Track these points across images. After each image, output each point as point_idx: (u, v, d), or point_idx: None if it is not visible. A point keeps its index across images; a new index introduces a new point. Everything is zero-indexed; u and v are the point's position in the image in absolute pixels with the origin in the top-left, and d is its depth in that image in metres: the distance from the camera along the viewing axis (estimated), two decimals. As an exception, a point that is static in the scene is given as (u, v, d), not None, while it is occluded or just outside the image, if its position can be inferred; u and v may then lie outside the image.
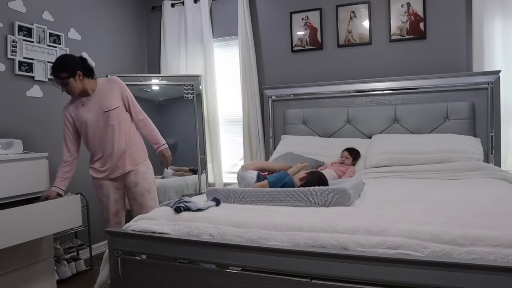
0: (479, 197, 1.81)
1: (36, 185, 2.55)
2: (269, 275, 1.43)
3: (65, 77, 2.31)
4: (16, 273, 2.40)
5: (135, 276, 1.70)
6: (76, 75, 2.34)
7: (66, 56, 2.51)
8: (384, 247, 1.32)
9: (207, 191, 2.02)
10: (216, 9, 4.02)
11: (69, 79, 2.31)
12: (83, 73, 2.38)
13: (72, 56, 2.44)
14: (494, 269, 1.12)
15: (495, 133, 3.02)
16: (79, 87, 2.38)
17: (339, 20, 3.56)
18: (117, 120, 2.45)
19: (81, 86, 2.39)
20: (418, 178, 2.55)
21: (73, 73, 2.32)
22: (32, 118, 3.04)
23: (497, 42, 3.08)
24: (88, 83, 2.43)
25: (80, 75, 2.36)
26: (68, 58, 2.41)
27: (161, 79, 3.97)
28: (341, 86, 3.45)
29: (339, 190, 1.72)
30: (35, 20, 3.05)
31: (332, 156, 3.07)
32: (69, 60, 2.36)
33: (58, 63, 2.34)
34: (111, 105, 2.44)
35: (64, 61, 2.36)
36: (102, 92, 2.47)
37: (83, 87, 2.40)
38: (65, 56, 2.48)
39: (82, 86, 2.39)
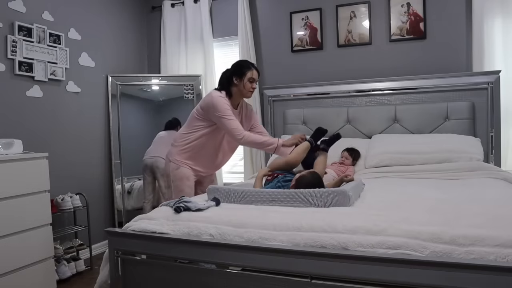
0: (479, 197, 1.81)
1: (36, 185, 2.55)
2: (269, 275, 1.43)
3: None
4: (16, 273, 2.40)
5: (135, 276, 1.70)
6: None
7: None
8: (384, 247, 1.32)
9: (207, 190, 2.02)
10: (216, 9, 4.02)
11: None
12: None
13: None
14: (494, 269, 1.12)
15: (495, 133, 3.02)
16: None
17: (339, 20, 3.56)
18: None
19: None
20: (418, 178, 2.55)
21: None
22: (32, 118, 3.04)
23: (497, 42, 3.08)
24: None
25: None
26: None
27: (161, 79, 3.97)
28: (341, 86, 3.45)
29: (339, 192, 1.72)
30: (35, 20, 3.05)
31: (332, 156, 3.05)
32: None
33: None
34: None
35: None
36: (243, 109, 2.65)
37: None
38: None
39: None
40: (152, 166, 3.58)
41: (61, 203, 3.02)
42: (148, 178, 3.66)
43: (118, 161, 3.79)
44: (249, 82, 2.49)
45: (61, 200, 3.03)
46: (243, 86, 2.49)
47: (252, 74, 2.50)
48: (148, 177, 3.66)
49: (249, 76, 2.48)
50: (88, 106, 3.57)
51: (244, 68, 2.50)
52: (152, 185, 3.68)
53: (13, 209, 2.39)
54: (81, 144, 3.49)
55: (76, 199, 3.12)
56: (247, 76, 2.48)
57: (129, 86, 3.90)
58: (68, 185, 3.30)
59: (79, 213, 3.29)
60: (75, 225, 3.28)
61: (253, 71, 2.50)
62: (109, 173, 3.79)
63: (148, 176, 3.65)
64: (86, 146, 3.54)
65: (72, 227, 3.26)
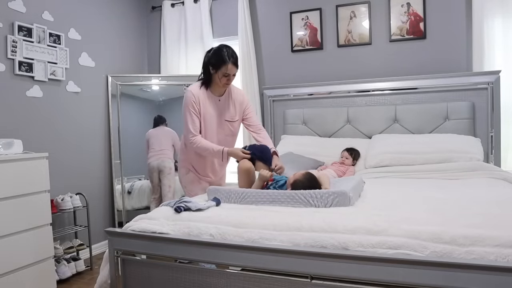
0: (479, 197, 1.81)
1: (36, 185, 2.55)
2: (269, 275, 1.42)
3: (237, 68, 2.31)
4: (16, 273, 2.40)
5: (135, 276, 1.70)
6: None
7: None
8: (384, 247, 1.32)
9: (208, 190, 2.02)
10: (216, 9, 4.02)
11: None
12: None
13: None
14: (495, 269, 1.12)
15: (495, 133, 3.02)
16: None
17: (339, 20, 3.56)
18: (232, 133, 2.51)
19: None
20: (418, 178, 2.55)
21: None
22: (32, 118, 3.04)
23: (497, 42, 3.08)
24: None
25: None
26: None
27: (161, 79, 3.97)
28: (341, 86, 3.45)
29: (340, 193, 1.71)
30: (35, 20, 3.05)
31: (332, 156, 3.07)
32: None
33: (234, 51, 2.31)
34: (233, 116, 2.46)
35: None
36: (231, 99, 2.47)
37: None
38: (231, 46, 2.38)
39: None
40: (159, 166, 3.65)
41: (61, 203, 3.02)
42: (155, 179, 3.71)
43: (118, 161, 3.79)
44: (223, 76, 2.28)
45: (61, 200, 3.03)
46: (217, 78, 2.31)
47: (227, 69, 2.25)
48: (155, 178, 3.71)
49: (223, 71, 2.26)
50: (88, 106, 3.57)
51: (219, 61, 2.26)
52: (159, 185, 3.73)
53: (13, 209, 2.39)
54: (81, 144, 3.49)
55: (76, 199, 3.12)
56: (222, 71, 2.27)
57: (129, 86, 3.90)
58: (68, 185, 3.30)
59: (79, 213, 3.29)
60: (75, 225, 3.28)
61: (228, 66, 2.24)
62: (109, 173, 3.79)
63: (155, 178, 3.70)
64: (86, 146, 3.54)
65: (72, 227, 3.26)
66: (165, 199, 3.65)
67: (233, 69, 2.27)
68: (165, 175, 3.68)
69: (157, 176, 3.72)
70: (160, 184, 3.74)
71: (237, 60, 2.30)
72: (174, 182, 3.71)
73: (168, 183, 3.69)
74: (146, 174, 3.87)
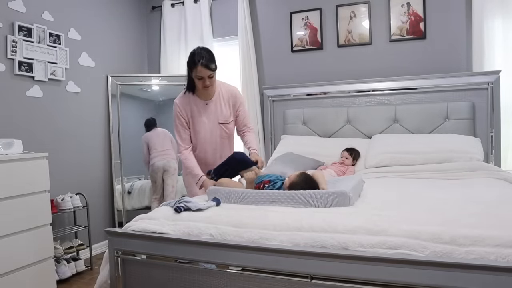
0: (479, 197, 1.81)
1: (36, 185, 2.55)
2: (269, 275, 1.42)
3: (214, 69, 2.20)
4: (16, 273, 2.40)
5: (135, 276, 1.70)
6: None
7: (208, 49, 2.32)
8: (384, 247, 1.32)
9: (208, 191, 2.02)
10: (216, 9, 4.02)
11: (215, 71, 2.21)
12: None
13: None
14: (495, 269, 1.12)
15: (495, 133, 3.02)
16: (214, 84, 2.29)
17: (339, 20, 3.56)
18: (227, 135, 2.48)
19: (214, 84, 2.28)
20: (418, 178, 2.55)
21: (216, 68, 2.23)
22: (32, 118, 3.04)
23: (497, 42, 3.08)
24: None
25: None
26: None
27: (161, 79, 3.97)
28: (341, 86, 3.45)
29: (340, 193, 1.71)
30: (35, 20, 3.05)
31: (332, 156, 3.07)
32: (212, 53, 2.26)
33: (209, 52, 2.21)
34: (227, 118, 2.42)
35: (212, 52, 2.25)
36: (221, 100, 2.40)
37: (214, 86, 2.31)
38: (208, 49, 2.29)
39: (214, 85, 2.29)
40: (165, 167, 3.66)
41: (61, 203, 3.02)
42: (159, 180, 3.72)
43: (118, 161, 3.79)
44: (198, 79, 2.20)
45: (61, 200, 3.03)
46: (195, 81, 2.23)
47: (197, 72, 2.16)
48: (159, 179, 3.72)
49: (194, 74, 2.18)
50: (88, 106, 3.57)
51: (190, 63, 2.19)
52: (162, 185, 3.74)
53: (13, 209, 2.39)
54: (81, 144, 3.49)
55: (76, 199, 3.12)
56: (194, 74, 2.19)
57: (129, 86, 3.90)
58: (68, 185, 3.31)
59: (79, 213, 3.29)
60: (75, 225, 3.28)
61: (197, 68, 2.15)
62: (109, 173, 3.79)
63: (159, 178, 3.71)
64: (86, 146, 3.54)
65: (72, 227, 3.26)
66: (167, 199, 3.65)
67: (203, 71, 2.16)
68: (169, 175, 3.70)
69: (161, 176, 3.73)
70: (163, 184, 3.74)
71: (209, 61, 2.18)
72: (177, 182, 3.72)
73: (172, 183, 3.71)
74: (146, 174, 3.87)
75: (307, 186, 1.87)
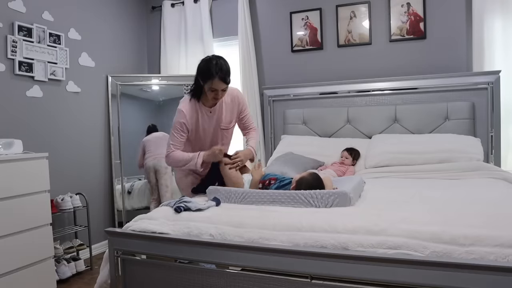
0: (479, 197, 1.81)
1: (36, 185, 2.55)
2: (269, 275, 1.42)
3: (229, 82, 2.13)
4: (16, 273, 2.40)
5: (135, 276, 1.70)
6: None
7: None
8: (384, 247, 1.32)
9: (208, 191, 2.02)
10: (216, 9, 4.02)
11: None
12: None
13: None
14: (494, 269, 1.12)
15: (495, 133, 3.02)
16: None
17: (339, 20, 3.56)
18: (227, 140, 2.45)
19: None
20: (418, 178, 2.55)
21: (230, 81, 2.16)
22: (32, 118, 3.04)
23: (497, 42, 3.08)
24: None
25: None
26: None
27: (161, 79, 3.97)
28: (341, 86, 3.45)
29: (340, 193, 1.72)
30: (35, 20, 3.05)
31: (332, 156, 3.07)
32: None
33: (227, 64, 2.13)
34: (228, 123, 2.37)
35: (228, 63, 2.16)
36: (223, 107, 2.33)
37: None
38: (225, 59, 2.19)
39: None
40: (155, 166, 3.65)
41: (61, 203, 3.02)
42: (153, 179, 3.72)
43: (118, 161, 3.79)
44: (210, 91, 2.11)
45: (61, 200, 3.03)
46: (205, 92, 2.16)
47: (212, 84, 2.07)
48: (153, 179, 3.72)
49: (209, 85, 2.09)
50: (88, 106, 3.57)
51: (205, 74, 2.09)
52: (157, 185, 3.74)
53: (13, 209, 2.39)
54: (81, 144, 3.49)
55: (76, 199, 3.12)
56: (207, 85, 2.10)
57: (129, 86, 3.90)
58: (68, 185, 3.30)
59: (79, 213, 3.29)
60: (75, 225, 3.28)
61: (213, 82, 2.06)
62: (109, 173, 3.79)
63: (153, 177, 3.71)
64: (86, 146, 3.54)
65: (72, 227, 3.26)
66: (163, 199, 3.65)
67: (219, 85, 2.08)
68: (161, 174, 3.69)
69: (154, 176, 3.73)
70: (157, 184, 3.75)
71: (227, 74, 2.10)
72: (171, 182, 3.71)
73: (165, 183, 3.70)
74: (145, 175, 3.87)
75: (314, 184, 1.89)
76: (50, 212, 2.65)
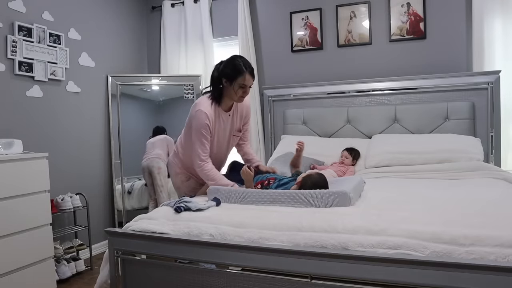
0: (479, 197, 1.81)
1: (36, 185, 2.55)
2: (269, 275, 1.43)
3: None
4: (16, 273, 2.40)
5: (135, 276, 1.70)
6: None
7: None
8: (384, 247, 1.32)
9: (208, 191, 2.02)
10: (216, 9, 4.02)
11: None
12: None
13: None
14: (495, 269, 1.12)
15: (495, 133, 3.02)
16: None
17: (339, 20, 3.56)
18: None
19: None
20: (418, 178, 2.55)
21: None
22: (32, 118, 3.04)
23: (497, 42, 3.08)
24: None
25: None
26: None
27: (161, 79, 3.97)
28: (341, 86, 3.45)
29: (340, 193, 1.71)
30: (35, 20, 3.05)
31: (332, 156, 3.07)
32: None
33: (250, 63, 2.18)
34: (239, 130, 2.39)
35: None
36: (238, 112, 2.34)
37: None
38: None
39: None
40: (148, 166, 3.65)
41: (61, 203, 3.02)
42: (149, 180, 3.71)
43: (118, 161, 3.79)
44: (239, 87, 2.13)
45: (61, 200, 3.03)
46: (232, 91, 2.14)
47: (244, 80, 2.10)
48: (148, 179, 3.71)
49: (240, 82, 2.11)
50: (88, 106, 3.57)
51: (235, 71, 2.11)
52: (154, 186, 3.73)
53: (13, 209, 2.39)
54: (81, 144, 3.49)
55: (76, 199, 3.12)
56: (238, 82, 2.11)
57: (129, 86, 3.90)
58: (68, 185, 3.30)
59: (79, 213, 3.29)
60: (75, 225, 3.27)
61: (245, 77, 2.10)
62: (109, 173, 3.79)
63: (148, 178, 3.70)
64: (86, 146, 3.54)
65: (72, 227, 3.26)
66: (159, 199, 3.63)
67: (250, 80, 2.13)
68: (155, 175, 3.67)
69: (149, 177, 3.71)
70: (153, 184, 3.73)
71: (253, 70, 2.17)
72: (166, 182, 3.68)
73: (160, 183, 3.67)
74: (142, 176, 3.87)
75: (320, 184, 1.90)
76: (50, 212, 2.65)
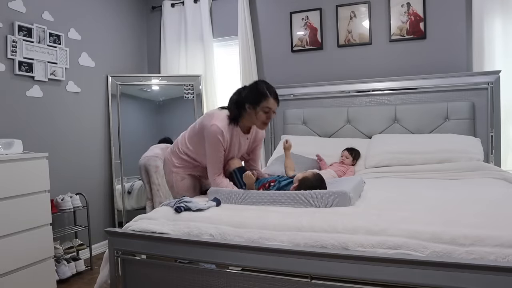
0: (479, 197, 1.81)
1: (36, 185, 2.55)
2: (269, 275, 1.43)
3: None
4: (16, 273, 2.40)
5: (135, 276, 1.70)
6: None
7: None
8: (384, 247, 1.32)
9: (208, 191, 2.02)
10: (216, 9, 4.02)
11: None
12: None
13: None
14: (495, 269, 1.12)
15: (495, 133, 3.02)
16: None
17: (339, 20, 3.56)
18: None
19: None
20: (418, 178, 2.55)
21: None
22: (32, 118, 3.04)
23: (497, 42, 3.08)
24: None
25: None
26: None
27: (161, 79, 3.97)
28: (341, 86, 3.45)
29: (340, 193, 1.72)
30: (35, 20, 3.05)
31: (332, 156, 3.07)
32: None
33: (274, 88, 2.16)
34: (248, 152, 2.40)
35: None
36: (253, 135, 2.34)
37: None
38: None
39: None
40: (145, 165, 3.63)
41: (61, 203, 3.02)
42: (146, 178, 3.68)
43: (118, 161, 3.79)
44: (263, 112, 2.08)
45: (61, 200, 3.03)
46: (255, 116, 2.10)
47: (268, 103, 2.07)
48: (145, 177, 3.69)
49: (264, 105, 2.07)
50: (88, 106, 3.57)
51: (259, 95, 2.07)
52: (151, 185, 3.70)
53: (13, 209, 2.39)
54: (81, 144, 3.49)
55: (76, 199, 3.12)
56: (262, 106, 2.07)
57: (129, 86, 3.90)
58: (68, 185, 3.30)
59: (79, 213, 3.29)
60: (75, 225, 3.27)
61: (269, 100, 2.06)
62: (109, 173, 3.79)
63: (145, 177, 3.68)
64: (86, 146, 3.54)
65: (72, 227, 3.26)
66: (155, 198, 3.61)
67: (274, 104, 2.10)
68: (151, 173, 3.63)
69: (145, 175, 3.67)
70: (149, 183, 3.69)
71: (278, 96, 2.14)
72: (162, 180, 3.65)
73: (157, 182, 3.64)
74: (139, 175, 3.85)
75: (317, 185, 1.89)
76: (50, 212, 2.65)
